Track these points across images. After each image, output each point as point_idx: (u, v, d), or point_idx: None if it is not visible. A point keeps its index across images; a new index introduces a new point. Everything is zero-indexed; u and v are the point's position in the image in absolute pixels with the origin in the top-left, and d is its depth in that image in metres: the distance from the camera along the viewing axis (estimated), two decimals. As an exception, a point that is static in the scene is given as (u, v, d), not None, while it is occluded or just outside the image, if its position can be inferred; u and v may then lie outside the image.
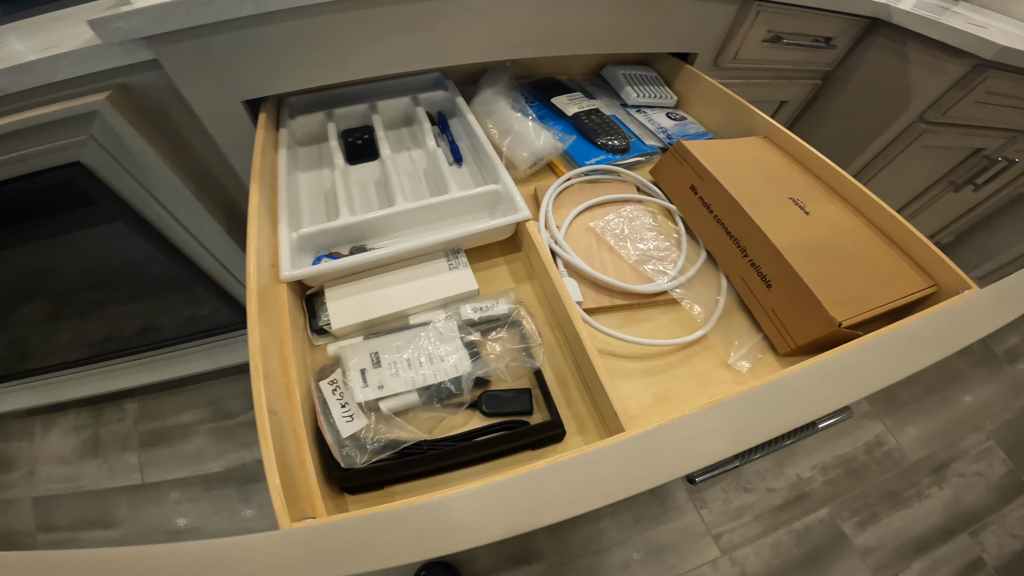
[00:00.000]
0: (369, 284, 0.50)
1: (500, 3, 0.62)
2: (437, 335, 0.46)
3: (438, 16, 0.60)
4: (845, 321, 0.44)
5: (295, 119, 0.68)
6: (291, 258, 0.47)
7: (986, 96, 0.89)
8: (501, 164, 0.58)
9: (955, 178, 1.12)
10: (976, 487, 1.23)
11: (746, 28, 0.81)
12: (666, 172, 0.63)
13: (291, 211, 0.53)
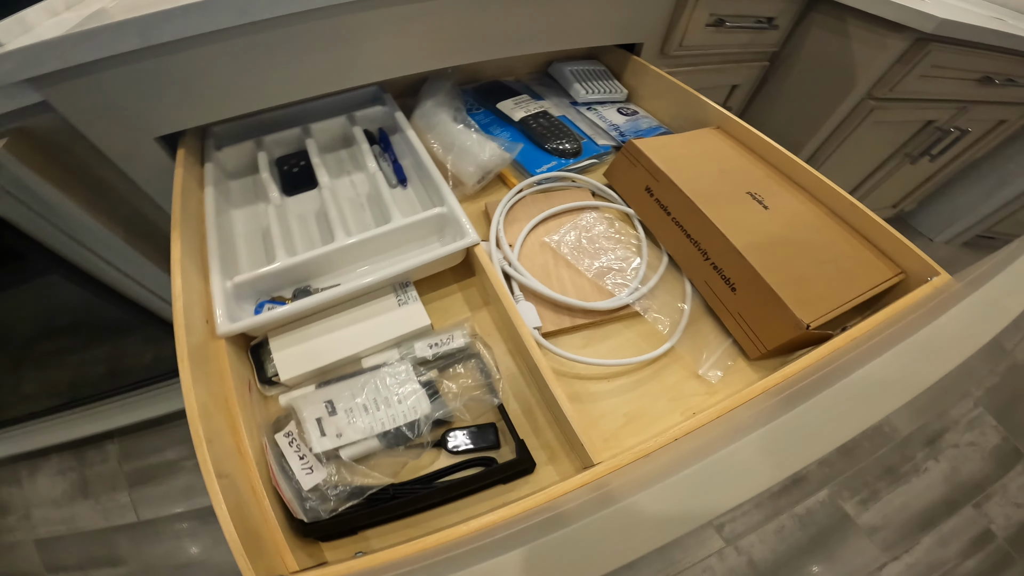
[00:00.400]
0: (316, 329, 0.47)
1: (430, 11, 0.59)
2: (392, 377, 0.43)
3: (362, 30, 0.56)
4: (813, 323, 0.42)
5: (222, 150, 0.62)
6: (227, 310, 0.43)
7: (931, 69, 0.89)
8: (445, 184, 0.54)
9: (910, 150, 1.13)
10: (972, 457, 1.24)
11: (688, 13, 0.80)
12: (620, 174, 0.60)
13: (224, 256, 0.49)
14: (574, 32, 0.73)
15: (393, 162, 0.63)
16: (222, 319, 0.42)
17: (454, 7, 0.60)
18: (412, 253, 0.54)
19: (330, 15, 0.53)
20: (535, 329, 0.48)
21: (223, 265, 0.47)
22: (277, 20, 0.50)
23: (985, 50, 0.90)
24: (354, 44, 0.57)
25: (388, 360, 0.45)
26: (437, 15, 0.60)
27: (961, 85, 0.98)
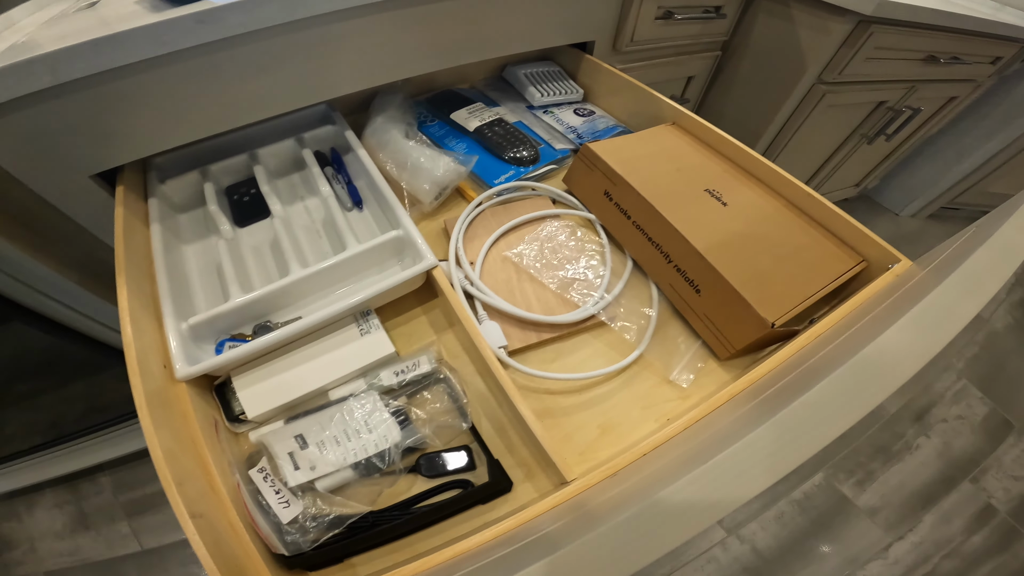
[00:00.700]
0: (279, 365, 0.46)
1: (374, 25, 0.57)
2: (359, 408, 0.43)
3: (306, 49, 0.54)
4: (778, 321, 0.42)
5: (166, 183, 0.59)
6: (185, 353, 0.42)
7: (876, 51, 0.91)
8: (400, 205, 0.53)
9: (866, 131, 1.16)
10: (962, 431, 1.26)
11: (636, 8, 0.79)
12: (578, 179, 0.60)
13: (177, 297, 0.47)
14: (524, 35, 0.72)
15: (347, 184, 0.61)
16: (180, 364, 0.41)
17: (399, 20, 0.58)
18: (372, 279, 0.54)
19: (270, 36, 0.51)
20: (501, 348, 0.47)
21: (176, 307, 0.45)
22: (210, 46, 0.48)
23: (927, 29, 0.92)
24: (298, 64, 0.55)
25: (355, 391, 0.45)
26: (383, 29, 0.58)
27: (907, 65, 1.00)
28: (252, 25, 0.48)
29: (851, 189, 1.52)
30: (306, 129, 0.66)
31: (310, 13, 0.50)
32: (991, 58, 1.12)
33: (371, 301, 0.48)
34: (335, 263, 0.50)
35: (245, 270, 0.54)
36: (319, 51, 0.55)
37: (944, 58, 1.01)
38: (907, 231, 1.76)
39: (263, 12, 0.47)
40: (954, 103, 1.24)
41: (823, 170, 1.28)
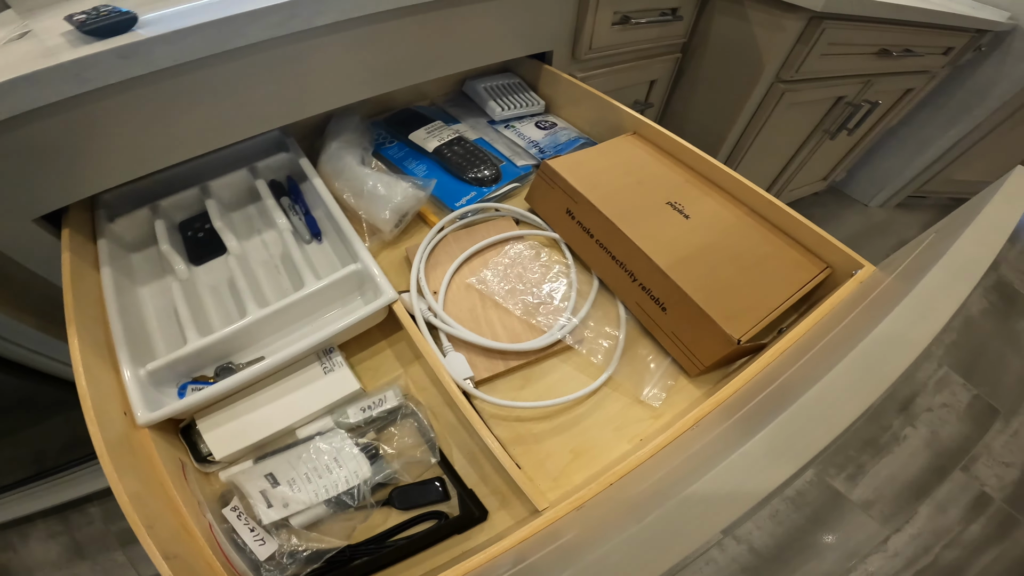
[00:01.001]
0: (244, 406, 0.45)
1: (327, 47, 0.55)
2: (328, 445, 0.44)
3: (255, 75, 0.52)
4: (744, 337, 0.42)
5: (116, 221, 0.57)
6: (144, 400, 0.41)
7: (830, 47, 0.93)
8: (357, 237, 0.52)
9: (828, 127, 1.18)
10: (948, 419, 1.27)
11: (592, 15, 0.79)
12: (540, 198, 0.59)
13: (133, 343, 0.45)
14: (481, 50, 0.71)
15: (305, 214, 0.60)
16: (140, 411, 0.40)
17: (350, 42, 0.57)
18: (334, 314, 0.53)
19: (208, 66, 0.49)
20: (467, 379, 0.46)
21: (133, 353, 0.44)
22: (143, 79, 0.46)
23: (877, 23, 0.94)
24: (244, 92, 0.53)
25: (323, 428, 0.45)
26: (333, 52, 0.56)
27: (862, 60, 1.02)
28: (182, 57, 0.46)
29: (819, 183, 1.55)
30: (259, 158, 0.64)
31: (245, 42, 0.48)
32: (943, 48, 1.15)
33: (333, 339, 0.47)
34: (293, 302, 0.49)
35: (203, 311, 0.53)
36: (265, 77, 0.54)
37: (897, 51, 1.03)
38: (877, 221, 1.79)
39: (191, 44, 0.45)
40: (911, 95, 1.27)
41: (790, 167, 1.30)
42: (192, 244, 0.58)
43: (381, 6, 0.54)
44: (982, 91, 1.34)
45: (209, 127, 0.54)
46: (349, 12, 0.52)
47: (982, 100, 1.34)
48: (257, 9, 0.46)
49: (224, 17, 0.45)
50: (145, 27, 0.45)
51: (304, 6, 0.49)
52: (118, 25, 0.43)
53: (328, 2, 0.50)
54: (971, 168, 1.62)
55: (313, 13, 0.50)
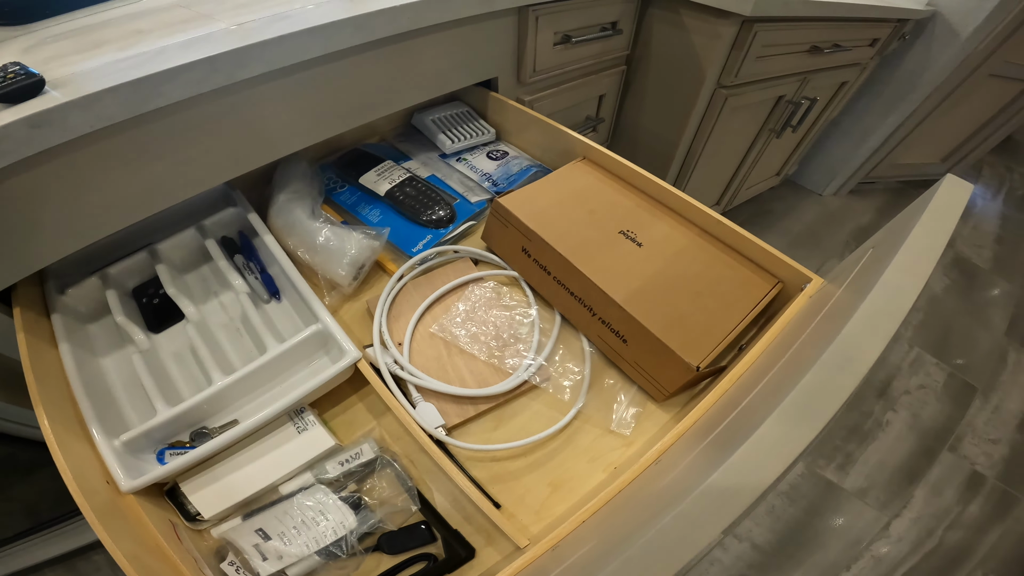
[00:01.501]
0: (224, 467, 0.47)
1: (267, 96, 0.55)
2: (311, 500, 0.46)
3: (191, 131, 0.51)
4: (703, 363, 0.45)
5: (67, 293, 0.55)
6: (124, 468, 0.42)
7: (764, 49, 0.97)
8: (314, 297, 0.52)
9: (772, 126, 1.23)
10: (927, 400, 1.31)
11: (532, 37, 0.81)
12: (496, 237, 0.61)
13: (103, 415, 0.46)
14: (423, 85, 0.71)
15: (261, 272, 0.60)
16: (123, 479, 0.42)
17: (289, 89, 0.56)
18: (302, 374, 0.54)
19: (133, 127, 0.47)
20: (439, 427, 0.48)
21: (104, 425, 0.45)
22: (65, 146, 0.44)
23: (804, 21, 0.99)
24: (182, 149, 0.52)
25: (304, 484, 0.47)
26: (271, 100, 0.55)
27: (796, 59, 1.07)
28: (99, 123, 0.44)
29: (773, 178, 1.62)
30: (206, 214, 0.63)
31: (166, 102, 0.46)
32: (869, 40, 1.21)
33: (300, 401, 0.48)
34: (256, 368, 0.50)
35: (169, 380, 0.53)
36: (198, 134, 0.52)
37: (826, 47, 1.09)
38: (832, 209, 1.87)
39: (107, 108, 0.43)
40: (846, 87, 1.34)
41: (743, 167, 1.35)
42: (149, 311, 0.58)
43: (308, 54, 0.53)
44: (912, 78, 1.42)
45: (146, 190, 0.53)
46: (274, 63, 0.51)
47: (914, 87, 1.43)
48: (173, 68, 0.44)
49: (138, 78, 0.43)
50: (59, 88, 0.42)
51: (224, 61, 0.47)
52: (25, 89, 0.41)
53: (249, 55, 0.48)
54: (913, 152, 1.72)
55: (235, 67, 0.48)
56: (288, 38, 0.50)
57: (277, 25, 0.51)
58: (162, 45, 0.48)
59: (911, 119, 1.53)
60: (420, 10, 0.59)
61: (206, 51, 0.45)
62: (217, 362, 0.52)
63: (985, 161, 2.29)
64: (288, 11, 0.54)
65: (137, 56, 0.46)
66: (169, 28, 0.52)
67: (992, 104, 1.62)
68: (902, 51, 1.39)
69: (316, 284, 0.59)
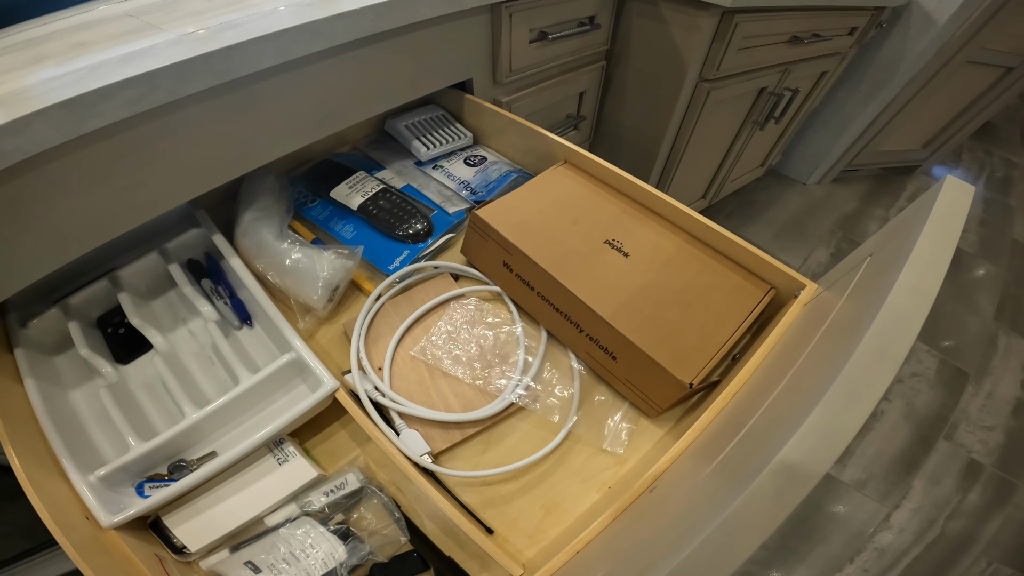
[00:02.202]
0: (206, 500, 0.47)
1: (228, 107, 0.52)
2: (299, 531, 0.46)
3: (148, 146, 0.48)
4: (696, 380, 0.44)
5: (29, 326, 0.53)
6: (103, 504, 0.42)
7: (744, 41, 0.97)
8: (286, 324, 0.51)
9: (756, 118, 1.24)
10: (920, 388, 1.33)
11: (507, 35, 0.79)
12: (476, 251, 0.59)
13: (76, 451, 0.46)
14: (395, 89, 0.69)
15: (231, 297, 0.58)
16: (102, 515, 0.42)
17: (244, 101, 0.53)
18: (280, 403, 0.53)
19: (78, 148, 0.44)
20: (425, 454, 0.47)
21: (78, 461, 0.45)
22: None
23: (784, 11, 0.99)
24: (131, 172, 0.49)
25: (290, 515, 0.47)
26: (226, 115, 0.52)
27: (776, 50, 1.08)
28: (34, 148, 0.41)
29: (758, 169, 1.63)
30: (168, 237, 0.61)
31: (105, 122, 0.42)
32: (848, 29, 1.22)
33: (278, 433, 0.47)
34: (230, 400, 0.49)
35: (141, 413, 0.52)
36: (147, 154, 0.49)
37: (806, 37, 1.10)
38: (817, 198, 1.90)
39: (39, 133, 0.40)
40: (826, 77, 1.35)
41: (727, 160, 1.36)
42: (115, 341, 0.56)
43: (260, 64, 0.49)
44: (891, 66, 1.44)
45: (97, 218, 0.50)
46: (223, 76, 0.47)
47: (892, 75, 1.45)
48: (108, 86, 0.41)
49: (69, 99, 0.40)
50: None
51: (165, 76, 0.43)
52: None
53: (193, 69, 0.45)
54: (894, 139, 1.75)
55: (177, 83, 0.45)
56: (237, 48, 0.47)
57: (226, 34, 0.48)
58: (101, 59, 0.45)
59: (891, 107, 1.55)
60: (383, 13, 0.57)
61: (145, 65, 0.43)
62: (189, 394, 0.51)
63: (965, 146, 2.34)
64: (240, 18, 0.51)
65: (73, 73, 0.43)
66: (112, 40, 0.49)
67: (970, 90, 1.65)
68: (880, 39, 1.41)
69: (289, 307, 0.57)
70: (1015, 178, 2.22)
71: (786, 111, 1.24)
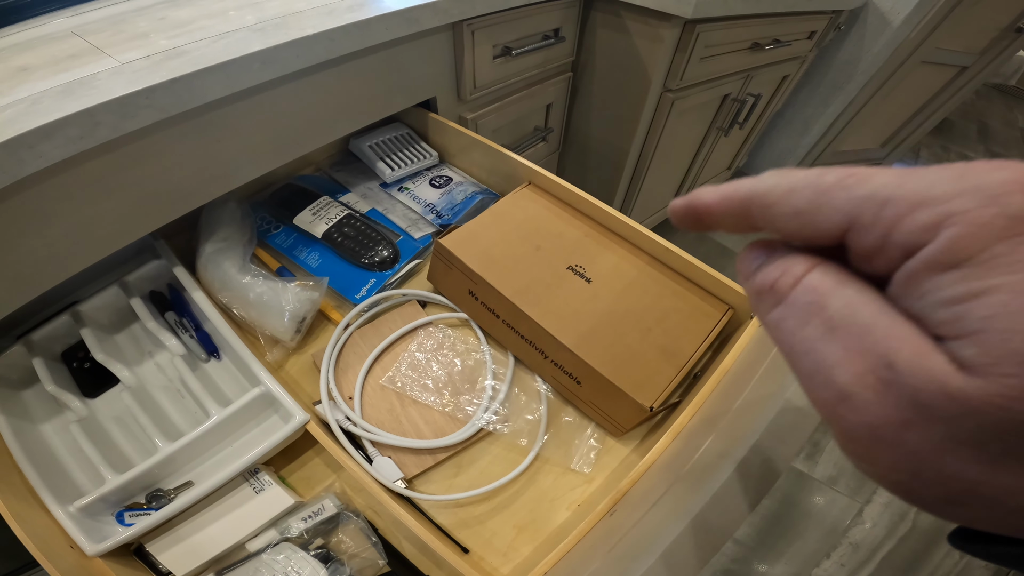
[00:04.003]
0: (187, 528, 0.49)
1: (161, 148, 0.51)
2: (281, 556, 0.48)
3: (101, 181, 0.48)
4: (656, 403, 0.47)
5: None
6: (86, 533, 0.45)
7: (707, 50, 1.01)
8: (252, 358, 0.52)
9: (720, 124, 1.29)
10: None
11: (470, 53, 0.81)
12: (441, 278, 0.62)
13: (53, 483, 0.48)
14: (357, 111, 0.71)
15: (196, 329, 0.59)
16: (86, 544, 0.44)
17: (198, 131, 0.53)
18: (253, 432, 0.55)
19: (22, 190, 0.44)
20: (399, 480, 0.49)
21: (56, 493, 0.47)
22: None
23: (744, 20, 1.04)
24: (82, 208, 0.49)
25: (270, 541, 0.50)
26: (180, 146, 0.52)
27: (738, 57, 1.12)
28: None
29: (725, 172, 1.70)
30: (128, 269, 0.62)
31: (47, 163, 0.42)
32: (807, 33, 1.29)
33: (252, 463, 0.49)
34: (202, 434, 0.50)
35: (113, 445, 0.54)
36: (98, 191, 0.49)
37: (767, 43, 1.15)
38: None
39: None
40: (788, 80, 1.42)
41: (694, 166, 1.42)
42: (82, 376, 0.57)
43: (207, 96, 0.49)
44: (849, 68, 1.52)
45: (52, 255, 0.50)
46: (168, 110, 0.47)
47: (851, 76, 1.52)
48: (46, 125, 0.40)
49: (6, 140, 0.39)
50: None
51: (106, 112, 0.43)
52: None
53: (136, 104, 0.44)
54: (854, 138, 1.85)
55: (120, 119, 0.44)
56: (181, 81, 0.46)
57: (170, 64, 0.47)
58: (43, 88, 0.45)
59: (850, 107, 1.63)
60: (336, 38, 0.57)
61: (86, 101, 0.42)
62: (160, 427, 0.53)
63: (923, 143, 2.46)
64: (186, 43, 0.51)
65: (12, 106, 0.43)
66: (56, 65, 0.49)
67: (926, 90, 1.75)
68: (838, 41, 1.48)
69: (256, 339, 0.59)
70: (974, 172, 2.33)
71: (749, 116, 1.30)
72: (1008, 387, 0.12)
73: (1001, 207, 0.13)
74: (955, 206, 0.13)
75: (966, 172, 0.14)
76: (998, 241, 0.13)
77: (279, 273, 0.65)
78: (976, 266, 0.13)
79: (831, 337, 0.15)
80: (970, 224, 0.13)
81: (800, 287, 0.16)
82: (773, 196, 0.17)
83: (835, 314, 0.15)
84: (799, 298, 0.16)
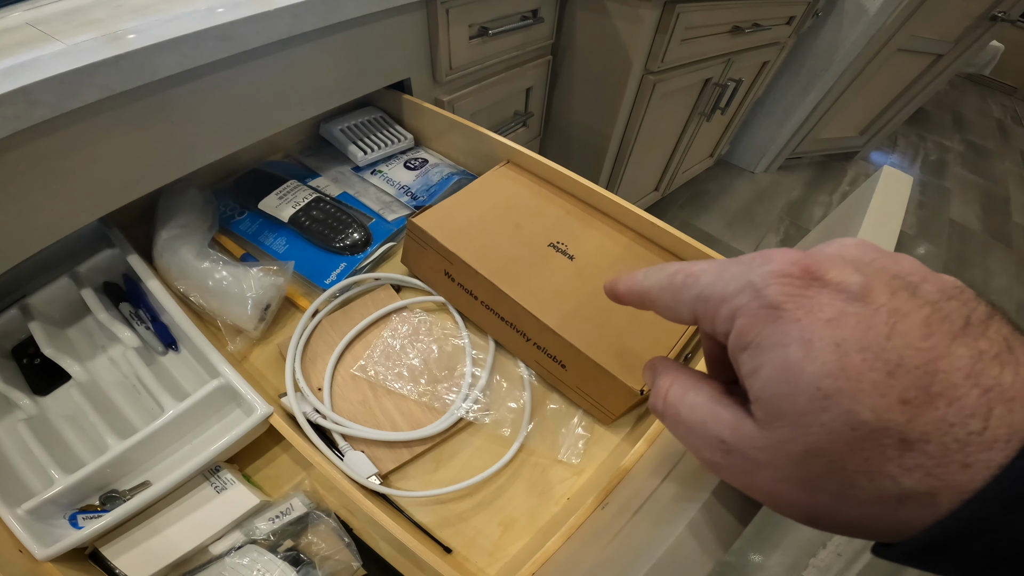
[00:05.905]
0: (145, 530, 0.45)
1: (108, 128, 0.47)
2: (248, 562, 0.45)
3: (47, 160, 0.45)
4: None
5: None
6: (35, 536, 0.42)
7: (687, 32, 1.00)
8: (211, 348, 0.48)
9: (702, 109, 1.28)
10: None
11: (444, 32, 0.78)
12: (415, 260, 0.58)
13: (1, 483, 0.45)
14: (328, 92, 0.67)
15: (153, 321, 0.55)
16: (36, 547, 0.41)
17: (153, 110, 0.49)
18: (214, 428, 0.51)
19: None
20: (373, 476, 0.46)
21: (4, 495, 0.44)
22: None
23: (724, 1, 1.03)
24: (26, 192, 0.45)
25: (235, 543, 0.46)
26: (127, 127, 0.49)
27: (719, 40, 1.11)
28: None
29: (708, 160, 1.69)
30: (79, 259, 0.57)
31: None
32: (786, 18, 1.28)
33: (212, 461, 0.45)
34: (156, 430, 0.47)
35: (65, 445, 0.50)
36: (37, 177, 0.45)
37: (747, 27, 1.14)
38: (764, 186, 2.00)
39: None
40: (768, 67, 1.41)
41: (677, 152, 1.40)
42: (31, 372, 0.53)
43: (157, 73, 0.46)
44: (827, 56, 1.52)
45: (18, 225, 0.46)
46: (113, 88, 0.44)
47: (829, 64, 1.53)
48: None
49: None
50: None
51: (44, 91, 0.40)
52: None
53: (78, 81, 0.41)
54: (833, 126, 1.87)
55: (60, 98, 0.41)
56: (126, 58, 0.43)
57: (117, 44, 0.44)
58: None
59: (829, 95, 1.64)
60: (300, 14, 0.54)
61: (23, 79, 0.39)
62: (113, 425, 0.49)
63: (900, 132, 2.49)
64: (141, 25, 0.48)
65: None
66: (1, 53, 0.45)
67: (903, 78, 1.76)
68: (816, 29, 1.48)
69: (218, 329, 0.55)
70: (949, 161, 2.38)
71: (731, 101, 1.29)
72: (784, 435, 0.16)
73: (762, 299, 0.17)
74: (739, 301, 0.18)
75: (749, 266, 0.18)
76: (764, 325, 0.17)
77: (243, 260, 0.61)
78: (755, 348, 0.17)
79: (691, 433, 0.21)
80: (746, 315, 0.17)
81: (664, 405, 0.22)
82: (652, 295, 0.23)
83: (686, 418, 0.21)
84: (667, 413, 0.22)
